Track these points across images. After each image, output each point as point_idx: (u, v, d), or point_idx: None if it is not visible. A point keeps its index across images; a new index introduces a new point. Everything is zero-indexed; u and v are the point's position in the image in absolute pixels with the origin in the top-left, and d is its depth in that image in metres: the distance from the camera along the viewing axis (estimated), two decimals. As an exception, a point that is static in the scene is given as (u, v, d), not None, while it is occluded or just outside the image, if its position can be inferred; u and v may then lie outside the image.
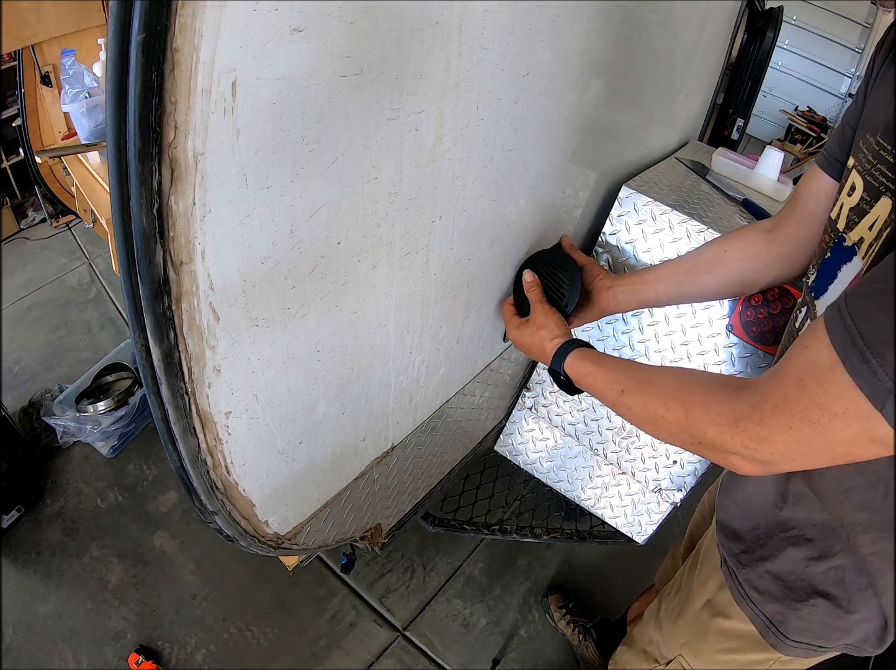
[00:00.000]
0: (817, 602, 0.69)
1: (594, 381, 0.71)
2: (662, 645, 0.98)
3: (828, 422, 0.43)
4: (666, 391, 0.58)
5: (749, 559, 0.75)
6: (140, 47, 0.34)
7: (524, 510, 1.76)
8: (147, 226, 0.41)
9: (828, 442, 0.44)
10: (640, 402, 0.61)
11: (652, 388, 0.60)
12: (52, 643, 1.55)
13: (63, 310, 2.56)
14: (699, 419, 0.53)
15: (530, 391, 1.34)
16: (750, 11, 2.15)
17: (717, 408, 0.51)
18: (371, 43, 0.48)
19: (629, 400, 0.63)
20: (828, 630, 0.71)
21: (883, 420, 0.40)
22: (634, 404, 0.62)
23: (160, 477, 1.95)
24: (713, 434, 0.51)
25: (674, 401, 0.56)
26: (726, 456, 0.52)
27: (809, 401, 0.44)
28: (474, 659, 1.61)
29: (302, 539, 0.85)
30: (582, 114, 0.88)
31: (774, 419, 0.46)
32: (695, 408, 0.54)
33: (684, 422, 0.55)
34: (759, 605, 0.75)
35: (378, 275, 0.68)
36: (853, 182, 0.56)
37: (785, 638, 0.74)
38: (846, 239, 0.56)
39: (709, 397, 0.53)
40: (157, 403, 0.51)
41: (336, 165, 0.53)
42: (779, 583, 0.72)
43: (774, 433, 0.46)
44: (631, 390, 0.63)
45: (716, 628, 0.83)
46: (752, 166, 1.25)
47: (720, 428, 0.51)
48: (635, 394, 0.62)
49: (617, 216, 1.06)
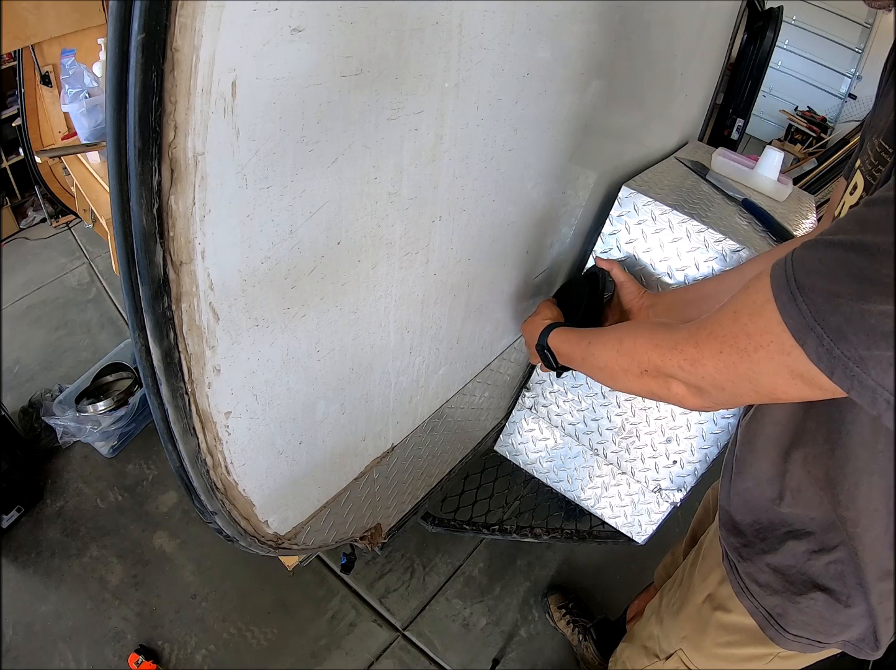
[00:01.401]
0: (816, 595, 0.70)
1: (569, 346, 0.80)
2: (663, 640, 0.98)
3: (753, 351, 0.47)
4: (622, 330, 0.67)
5: (750, 552, 0.76)
6: (140, 47, 0.34)
7: (524, 510, 1.76)
8: (147, 226, 0.41)
9: (752, 370, 0.48)
10: (601, 347, 0.70)
11: (612, 332, 0.69)
12: (52, 643, 1.55)
13: (63, 310, 2.56)
14: (645, 345, 0.60)
15: (530, 391, 1.34)
16: (750, 11, 2.15)
17: (661, 335, 0.59)
18: (371, 43, 0.48)
19: (594, 348, 0.72)
20: (827, 624, 0.71)
21: (804, 356, 0.43)
22: (597, 350, 0.71)
23: (160, 477, 1.94)
24: (655, 356, 0.58)
25: (627, 336, 0.65)
26: (667, 381, 0.57)
27: (739, 331, 0.48)
28: (474, 659, 1.61)
29: (302, 539, 0.85)
30: (582, 114, 0.88)
31: (707, 343, 0.52)
32: (641, 337, 0.61)
33: (633, 351, 0.62)
34: (759, 598, 0.76)
35: (378, 275, 0.68)
36: (856, 181, 0.58)
37: (784, 631, 0.74)
38: None
39: (655, 330, 0.60)
40: (157, 403, 0.51)
41: (336, 165, 0.53)
42: (779, 576, 0.73)
43: (706, 355, 0.52)
44: (596, 339, 0.73)
45: (716, 622, 0.83)
46: (751, 166, 1.24)
47: (661, 350, 0.57)
48: (597, 344, 0.72)
49: (617, 216, 1.06)
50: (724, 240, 0.98)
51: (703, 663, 0.91)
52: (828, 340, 0.41)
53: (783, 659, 0.79)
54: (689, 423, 1.14)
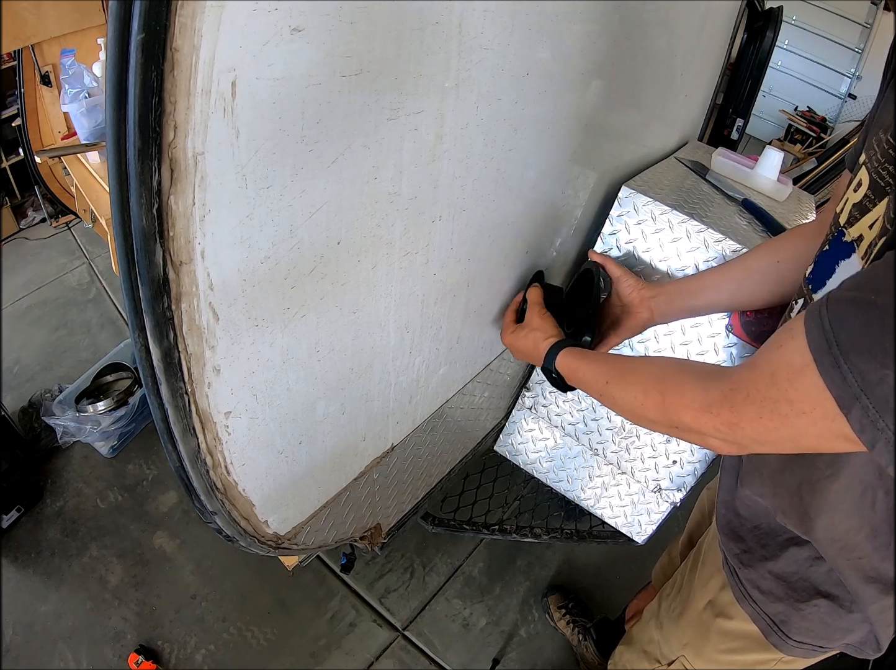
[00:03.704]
0: (820, 602, 0.69)
1: (582, 376, 0.74)
2: (663, 645, 0.98)
3: (795, 418, 0.44)
4: (646, 378, 0.61)
5: (751, 559, 0.75)
6: (140, 47, 0.34)
7: (524, 510, 1.76)
8: (147, 226, 0.41)
9: (795, 434, 0.46)
10: (623, 391, 0.64)
11: (633, 376, 0.63)
12: (52, 643, 1.55)
13: (63, 310, 2.56)
14: (675, 404, 0.56)
15: (530, 391, 1.34)
16: (750, 11, 2.15)
17: (692, 394, 0.54)
18: (370, 43, 0.48)
19: (613, 390, 0.66)
20: (830, 630, 0.71)
21: (848, 424, 0.41)
22: (618, 393, 0.65)
23: (160, 477, 1.94)
24: (688, 418, 0.54)
25: (653, 388, 0.59)
26: (703, 438, 0.54)
27: (779, 396, 0.45)
28: (474, 659, 1.61)
29: (301, 539, 0.85)
30: (582, 114, 0.88)
31: (745, 408, 0.48)
32: (671, 394, 0.56)
33: (662, 407, 0.57)
34: (761, 605, 0.75)
35: (378, 276, 0.68)
36: (861, 178, 0.56)
37: (787, 638, 0.74)
38: (845, 234, 0.56)
39: (685, 383, 0.56)
40: (157, 403, 0.51)
41: (336, 165, 0.53)
42: (781, 583, 0.72)
43: (745, 420, 0.49)
44: (614, 380, 0.66)
45: (718, 628, 0.83)
46: (751, 166, 1.24)
47: (694, 412, 0.53)
48: (618, 384, 0.65)
49: (616, 216, 1.06)
50: (724, 240, 0.98)
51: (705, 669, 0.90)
52: (873, 412, 0.39)
53: (786, 664, 0.78)
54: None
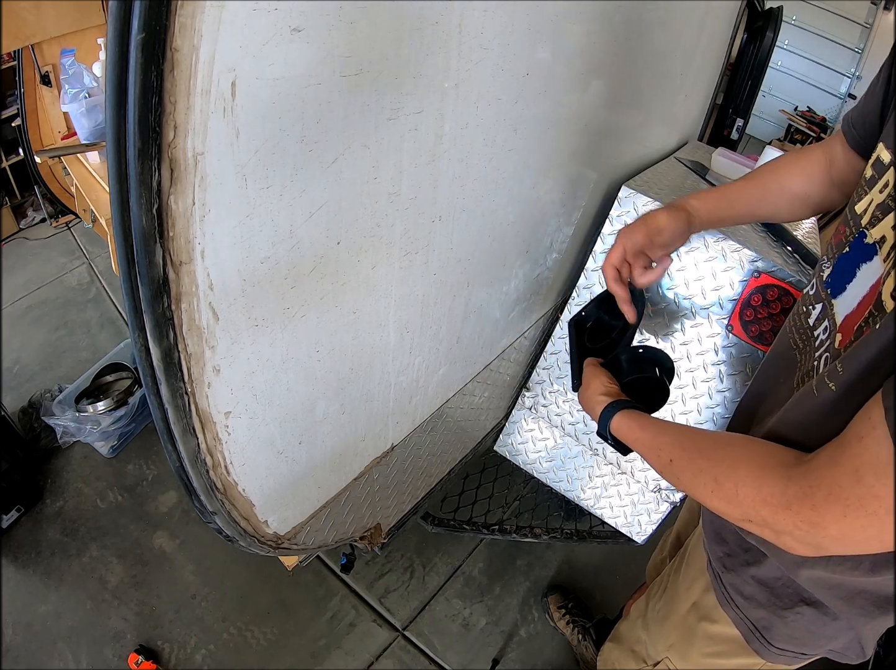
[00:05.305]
0: (803, 610, 0.68)
1: (641, 447, 0.69)
2: (650, 646, 0.98)
3: (885, 515, 0.42)
4: (716, 466, 0.56)
5: (734, 563, 0.74)
6: (140, 47, 0.34)
7: (524, 510, 1.76)
8: (147, 226, 0.41)
9: (885, 531, 0.43)
10: (690, 475, 0.59)
11: (702, 460, 0.58)
12: (52, 643, 1.55)
13: (63, 310, 2.56)
14: (750, 498, 0.52)
15: (530, 391, 1.34)
16: (749, 11, 2.15)
17: (770, 489, 0.50)
18: (370, 43, 0.48)
19: (678, 470, 0.61)
20: (813, 637, 0.70)
21: None
22: (684, 475, 0.60)
23: (160, 477, 1.94)
24: (765, 513, 0.50)
25: (725, 477, 0.55)
26: (779, 535, 0.51)
27: (866, 493, 0.42)
28: (474, 659, 1.60)
29: (301, 539, 0.85)
30: (582, 114, 0.88)
31: (828, 507, 0.45)
32: (746, 487, 0.52)
33: (735, 499, 0.53)
34: (743, 610, 0.74)
35: (378, 275, 0.68)
36: (888, 179, 0.54)
37: (769, 645, 0.73)
38: (867, 235, 0.54)
39: (761, 476, 0.52)
40: (157, 403, 0.51)
41: (336, 165, 0.53)
42: (764, 589, 0.71)
43: (828, 520, 0.45)
44: (680, 460, 0.61)
45: (702, 632, 0.82)
46: (751, 166, 1.25)
47: (772, 509, 0.50)
48: (685, 466, 0.60)
49: (616, 216, 1.06)
50: (723, 239, 0.98)
51: None
52: None
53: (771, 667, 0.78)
54: (689, 423, 1.14)
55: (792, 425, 0.57)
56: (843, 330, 0.54)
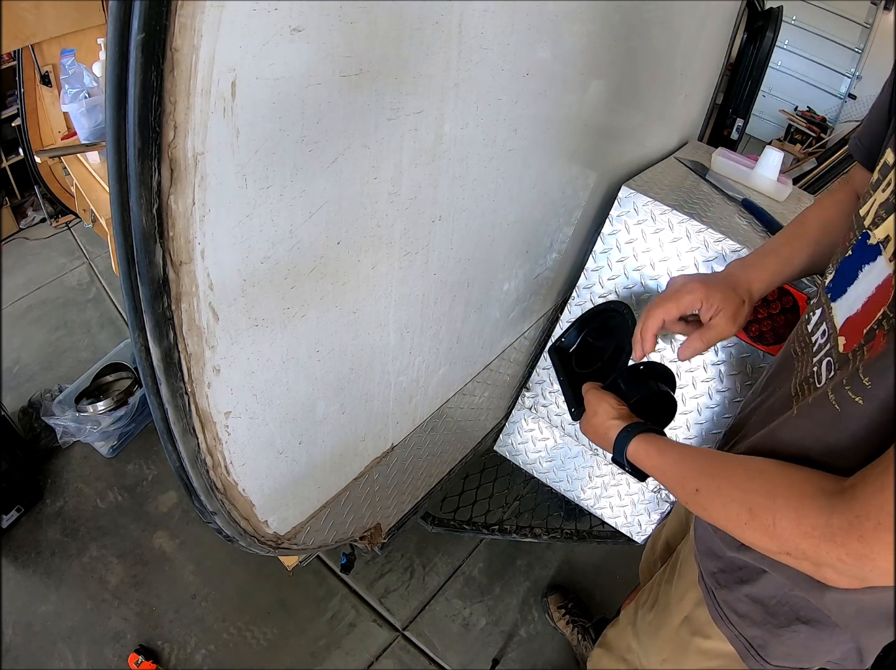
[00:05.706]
0: (800, 628, 0.66)
1: (661, 475, 0.65)
2: (643, 658, 0.96)
3: None
4: (749, 496, 0.53)
5: (728, 579, 0.71)
6: (140, 47, 0.34)
7: (524, 510, 1.76)
8: (147, 226, 0.41)
9: None
10: (720, 505, 0.55)
11: (732, 490, 0.55)
12: (52, 643, 1.55)
13: (63, 310, 2.56)
14: (790, 530, 0.48)
15: (530, 391, 1.34)
16: (749, 11, 2.15)
17: (811, 521, 0.47)
18: (370, 43, 0.48)
19: (705, 501, 0.57)
20: (811, 653, 0.68)
21: None
22: (712, 506, 0.56)
23: (160, 477, 1.94)
24: (806, 546, 0.47)
25: (760, 508, 0.51)
26: (819, 568, 0.48)
27: None
28: (474, 659, 1.60)
29: (301, 539, 0.85)
30: (582, 114, 0.88)
31: (877, 537, 0.42)
32: (784, 519, 0.49)
33: (772, 531, 0.50)
34: (738, 628, 0.72)
35: (378, 275, 0.68)
36: (891, 178, 0.52)
37: (766, 662, 0.71)
38: (870, 236, 0.53)
39: (801, 506, 0.48)
40: (157, 403, 0.51)
41: (336, 165, 0.53)
42: (759, 608, 0.68)
43: (877, 551, 0.42)
44: (708, 490, 0.57)
45: (695, 647, 0.81)
46: (751, 166, 1.25)
47: (814, 541, 0.46)
48: (713, 497, 0.56)
49: (616, 216, 1.06)
50: (723, 239, 0.98)
51: None
52: None
53: None
54: (689, 424, 1.14)
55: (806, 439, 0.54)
56: (847, 333, 0.53)
